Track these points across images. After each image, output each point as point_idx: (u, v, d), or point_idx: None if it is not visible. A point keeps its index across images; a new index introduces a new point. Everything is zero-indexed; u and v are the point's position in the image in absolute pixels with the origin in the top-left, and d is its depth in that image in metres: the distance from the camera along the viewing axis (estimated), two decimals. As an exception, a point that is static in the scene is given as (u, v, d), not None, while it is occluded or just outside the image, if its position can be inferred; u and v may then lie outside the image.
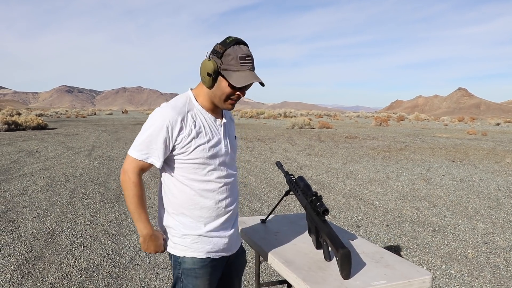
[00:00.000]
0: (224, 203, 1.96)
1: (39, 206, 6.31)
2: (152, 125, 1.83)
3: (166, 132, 1.80)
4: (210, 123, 1.91)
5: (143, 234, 1.91)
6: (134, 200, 1.85)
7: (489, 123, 48.41)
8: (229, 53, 1.79)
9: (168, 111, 1.83)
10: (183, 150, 1.85)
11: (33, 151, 13.05)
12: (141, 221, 1.88)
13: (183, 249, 1.90)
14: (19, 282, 3.71)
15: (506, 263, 4.38)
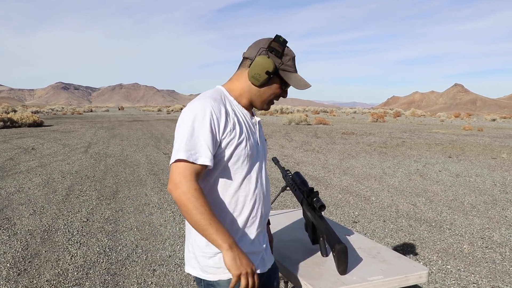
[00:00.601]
0: (261, 212, 1.71)
1: (35, 203, 6.29)
2: (195, 119, 1.53)
3: (213, 125, 1.53)
4: (248, 120, 1.68)
5: (230, 244, 1.48)
6: (205, 210, 1.46)
7: (485, 119, 48.55)
8: (286, 53, 1.67)
9: (210, 102, 1.57)
10: (225, 147, 1.58)
11: (29, 148, 13.01)
12: (221, 231, 1.48)
13: (217, 271, 1.59)
14: (15, 279, 3.70)
15: (501, 257, 4.40)
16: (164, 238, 4.87)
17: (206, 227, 1.47)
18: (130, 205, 6.28)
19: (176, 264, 4.11)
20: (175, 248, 4.55)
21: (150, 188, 7.45)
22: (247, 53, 1.70)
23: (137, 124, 28.43)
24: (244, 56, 1.71)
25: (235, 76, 1.74)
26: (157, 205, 6.31)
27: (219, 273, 1.59)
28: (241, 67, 1.72)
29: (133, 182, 8.01)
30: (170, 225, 5.34)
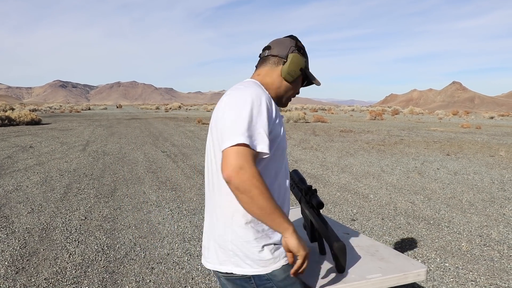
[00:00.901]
0: (288, 206, 1.75)
1: (33, 201, 6.28)
2: (253, 106, 1.49)
3: (268, 114, 1.52)
4: (280, 114, 1.66)
5: (293, 227, 1.49)
6: (270, 194, 1.43)
7: (483, 117, 48.61)
8: (306, 53, 1.81)
9: (263, 91, 1.59)
10: (272, 138, 1.54)
11: (27, 147, 12.98)
12: (284, 215, 1.48)
13: (269, 263, 1.56)
14: (13, 278, 3.69)
15: (499, 255, 4.41)
16: (162, 236, 4.87)
17: (272, 211, 1.43)
18: (128, 203, 6.28)
19: (174, 262, 4.11)
20: (173, 246, 4.55)
21: (149, 186, 7.45)
22: (275, 51, 1.75)
23: (135, 122, 28.40)
24: (272, 54, 1.76)
25: (264, 72, 1.76)
26: (155, 203, 6.30)
27: (270, 264, 1.57)
28: (269, 64, 1.76)
29: (131, 180, 8.01)
30: (168, 223, 5.34)
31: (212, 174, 1.66)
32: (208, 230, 1.70)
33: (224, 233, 1.59)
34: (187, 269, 3.96)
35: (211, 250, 1.66)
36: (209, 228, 1.68)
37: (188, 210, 5.96)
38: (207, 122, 25.92)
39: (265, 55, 1.79)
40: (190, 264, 4.07)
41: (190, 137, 16.83)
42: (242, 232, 1.56)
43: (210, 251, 1.66)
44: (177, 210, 5.95)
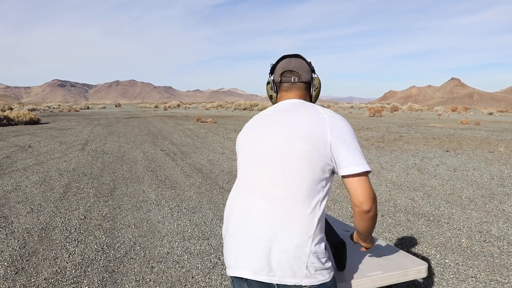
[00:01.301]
0: None
1: (33, 201, 6.27)
2: (353, 131, 1.73)
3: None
4: None
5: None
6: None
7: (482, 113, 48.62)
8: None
9: None
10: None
11: (26, 146, 12.96)
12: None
13: (329, 271, 1.65)
14: (13, 278, 3.68)
15: (499, 251, 4.40)
16: (162, 235, 4.86)
17: (370, 234, 1.80)
18: (127, 202, 6.27)
19: (174, 261, 4.10)
20: (173, 245, 4.54)
21: (148, 185, 7.44)
22: (305, 78, 1.92)
23: (134, 121, 28.37)
24: (303, 81, 1.91)
25: (303, 96, 1.93)
26: (154, 202, 6.30)
27: (330, 272, 1.65)
28: (303, 90, 1.93)
29: (131, 179, 8.00)
30: (168, 222, 5.33)
31: (288, 182, 1.63)
32: (269, 241, 1.60)
33: (303, 245, 1.58)
34: (187, 267, 3.95)
35: (275, 263, 1.59)
36: (272, 240, 1.59)
37: (188, 209, 5.95)
38: (206, 121, 25.90)
39: (296, 81, 1.91)
40: (190, 263, 4.07)
41: (189, 136, 16.81)
42: (318, 245, 1.60)
43: (274, 263, 1.59)
44: (177, 209, 5.94)
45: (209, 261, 4.11)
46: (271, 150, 1.69)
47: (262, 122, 1.82)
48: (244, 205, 1.69)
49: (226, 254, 1.71)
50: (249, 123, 1.89)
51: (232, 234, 1.69)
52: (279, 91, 1.95)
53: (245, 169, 1.77)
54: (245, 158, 1.79)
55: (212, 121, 25.34)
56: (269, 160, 1.69)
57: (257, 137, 1.77)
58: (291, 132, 1.68)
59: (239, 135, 1.89)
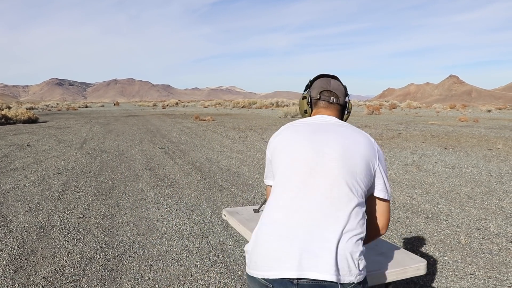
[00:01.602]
0: None
1: (31, 200, 6.26)
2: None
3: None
4: None
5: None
6: None
7: (481, 110, 48.67)
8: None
9: None
10: None
11: (24, 145, 12.94)
12: None
13: (365, 268, 1.73)
14: (12, 277, 3.67)
15: (498, 248, 4.41)
16: (160, 233, 4.86)
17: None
18: (126, 201, 6.26)
19: (173, 259, 4.10)
20: (171, 243, 4.54)
21: (146, 183, 7.43)
22: (342, 101, 2.06)
23: (132, 119, 28.34)
24: (339, 103, 2.05)
25: (338, 117, 2.04)
26: (153, 200, 6.29)
27: (364, 270, 1.70)
28: (339, 111, 2.07)
29: (129, 177, 7.99)
30: (166, 220, 5.32)
31: (339, 191, 1.70)
32: (318, 240, 1.62)
33: (355, 246, 1.64)
34: (186, 266, 3.95)
35: (324, 260, 1.60)
36: (322, 239, 1.62)
37: (186, 207, 5.95)
38: (205, 119, 25.88)
39: (334, 102, 2.04)
40: (189, 261, 4.07)
41: (188, 134, 16.80)
42: (361, 246, 1.68)
43: (322, 260, 1.60)
44: (175, 207, 5.94)
45: (208, 259, 4.11)
46: (325, 161, 1.75)
47: (310, 130, 1.87)
48: (295, 209, 1.69)
49: (271, 257, 1.64)
50: (293, 128, 1.92)
51: (281, 236, 1.65)
52: (315, 107, 2.05)
53: (295, 173, 1.77)
54: (294, 166, 1.78)
55: (210, 119, 25.33)
56: (327, 167, 1.75)
57: (308, 146, 1.80)
58: (349, 147, 1.78)
59: (279, 139, 1.92)
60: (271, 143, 1.95)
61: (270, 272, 1.61)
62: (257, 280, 1.66)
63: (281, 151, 1.85)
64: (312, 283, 1.57)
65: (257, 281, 1.66)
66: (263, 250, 1.65)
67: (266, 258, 1.63)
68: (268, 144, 1.98)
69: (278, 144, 1.89)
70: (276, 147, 1.89)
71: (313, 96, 2.04)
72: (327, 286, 1.58)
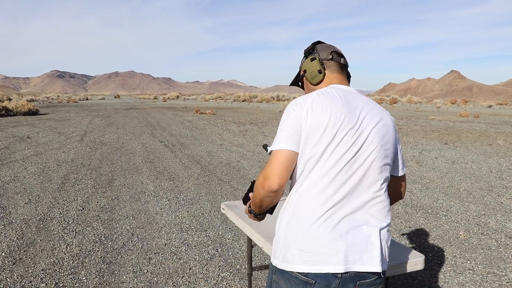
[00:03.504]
0: None
1: (31, 192, 6.26)
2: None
3: None
4: None
5: None
6: None
7: (481, 105, 48.59)
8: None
9: None
10: None
11: (24, 137, 12.94)
12: None
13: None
14: (11, 268, 3.68)
15: (497, 244, 4.41)
16: (160, 226, 4.86)
17: None
18: (125, 193, 6.26)
19: (171, 252, 4.10)
20: (170, 236, 4.54)
21: (146, 176, 7.43)
22: (344, 61, 1.89)
23: (133, 112, 28.31)
24: (348, 67, 1.92)
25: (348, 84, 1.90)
26: (152, 193, 6.29)
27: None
28: (346, 76, 1.90)
29: (129, 170, 7.99)
30: (166, 213, 5.33)
31: (370, 176, 1.64)
32: (361, 233, 1.59)
33: (388, 234, 1.66)
34: (184, 259, 3.95)
35: (376, 251, 1.59)
36: (366, 232, 1.59)
37: (186, 200, 5.95)
38: (205, 112, 25.85)
39: (345, 64, 1.90)
40: (187, 254, 4.07)
41: (188, 127, 16.79)
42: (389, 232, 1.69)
43: (368, 253, 1.58)
44: (175, 200, 5.94)
45: (207, 253, 4.11)
46: (366, 150, 1.63)
47: (345, 103, 1.67)
48: (337, 202, 1.59)
49: (316, 251, 1.56)
50: (326, 98, 1.66)
51: (326, 229, 1.57)
52: (328, 68, 1.84)
53: (338, 155, 1.59)
54: (337, 152, 1.60)
55: (211, 113, 25.31)
56: (368, 153, 1.64)
57: (350, 121, 1.62)
58: (384, 133, 1.69)
59: (324, 109, 1.62)
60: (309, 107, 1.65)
61: (314, 267, 1.54)
62: (294, 276, 1.57)
63: (322, 127, 1.59)
64: (354, 275, 1.55)
65: (293, 277, 1.57)
66: (305, 245, 1.56)
67: (308, 252, 1.55)
68: (302, 105, 1.66)
69: (323, 116, 1.61)
70: (319, 120, 1.61)
71: (324, 57, 1.84)
72: (369, 276, 1.58)
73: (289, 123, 1.66)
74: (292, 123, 1.64)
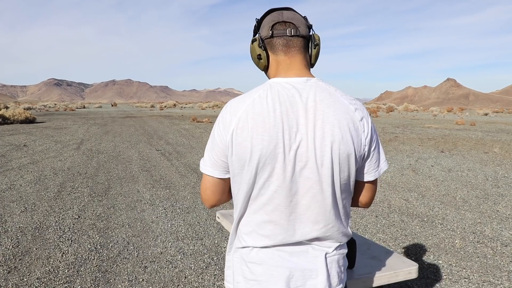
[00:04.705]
0: None
1: (27, 200, 6.25)
2: None
3: None
4: None
5: None
6: None
7: (478, 113, 48.76)
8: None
9: None
10: None
11: (21, 145, 12.91)
12: None
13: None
14: (5, 277, 3.67)
15: (493, 252, 4.42)
16: (155, 235, 4.85)
17: None
18: (122, 202, 6.26)
19: (167, 261, 4.10)
20: (166, 244, 4.54)
21: (142, 185, 7.42)
22: (302, 31, 1.43)
23: (130, 120, 28.31)
24: (301, 35, 1.43)
25: (303, 56, 1.46)
26: (149, 202, 6.28)
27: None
28: (301, 47, 1.45)
29: (125, 178, 7.98)
30: (162, 222, 5.32)
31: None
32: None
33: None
34: (180, 268, 3.95)
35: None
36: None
37: (182, 209, 5.95)
38: (202, 120, 25.87)
39: (294, 34, 1.42)
40: (183, 263, 4.06)
41: (185, 135, 16.79)
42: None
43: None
44: (171, 209, 5.93)
45: (202, 261, 4.11)
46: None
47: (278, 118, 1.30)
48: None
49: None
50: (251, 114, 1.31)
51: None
52: (271, 49, 1.45)
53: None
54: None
55: (208, 121, 25.32)
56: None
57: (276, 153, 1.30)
58: (340, 143, 1.31)
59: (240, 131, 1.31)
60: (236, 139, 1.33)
61: None
62: None
63: (244, 161, 1.33)
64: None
65: None
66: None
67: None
68: (228, 126, 1.35)
69: (245, 148, 1.31)
70: (243, 147, 1.32)
71: (264, 35, 1.44)
72: None
73: (213, 146, 1.41)
74: (216, 147, 1.39)
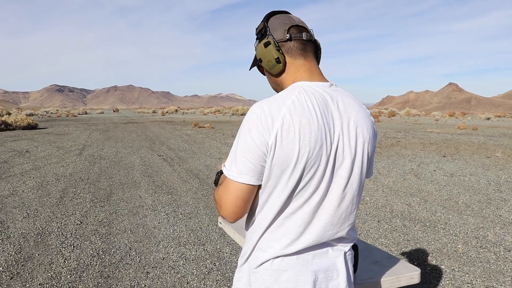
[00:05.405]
0: None
1: (29, 206, 6.26)
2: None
3: None
4: None
5: None
6: None
7: (480, 118, 48.71)
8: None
9: None
10: None
11: (23, 151, 12.94)
12: None
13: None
14: (8, 283, 3.67)
15: (496, 257, 4.41)
16: (158, 240, 4.85)
17: None
18: (124, 207, 6.26)
19: (169, 266, 4.10)
20: (168, 250, 4.54)
21: (145, 190, 7.43)
22: (313, 36, 1.49)
23: (131, 126, 28.34)
24: (313, 40, 1.49)
25: (315, 62, 1.49)
26: (151, 207, 6.29)
27: None
28: (313, 53, 1.50)
29: (127, 184, 7.99)
30: (164, 227, 5.32)
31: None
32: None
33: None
34: (182, 273, 3.95)
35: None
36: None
37: (184, 214, 5.95)
38: (204, 126, 25.90)
39: (309, 39, 1.47)
40: (185, 268, 4.06)
41: (187, 141, 16.81)
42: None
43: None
44: (173, 214, 5.94)
45: (205, 267, 4.10)
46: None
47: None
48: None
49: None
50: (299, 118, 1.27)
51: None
52: (288, 53, 1.43)
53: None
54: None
55: (209, 127, 25.34)
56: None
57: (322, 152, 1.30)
58: (366, 141, 1.42)
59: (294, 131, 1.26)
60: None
61: None
62: None
63: (291, 163, 1.30)
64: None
65: None
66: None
67: None
68: (270, 126, 1.27)
69: (293, 148, 1.28)
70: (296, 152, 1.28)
71: (279, 38, 1.43)
72: None
73: (250, 149, 1.29)
74: (257, 151, 1.28)
